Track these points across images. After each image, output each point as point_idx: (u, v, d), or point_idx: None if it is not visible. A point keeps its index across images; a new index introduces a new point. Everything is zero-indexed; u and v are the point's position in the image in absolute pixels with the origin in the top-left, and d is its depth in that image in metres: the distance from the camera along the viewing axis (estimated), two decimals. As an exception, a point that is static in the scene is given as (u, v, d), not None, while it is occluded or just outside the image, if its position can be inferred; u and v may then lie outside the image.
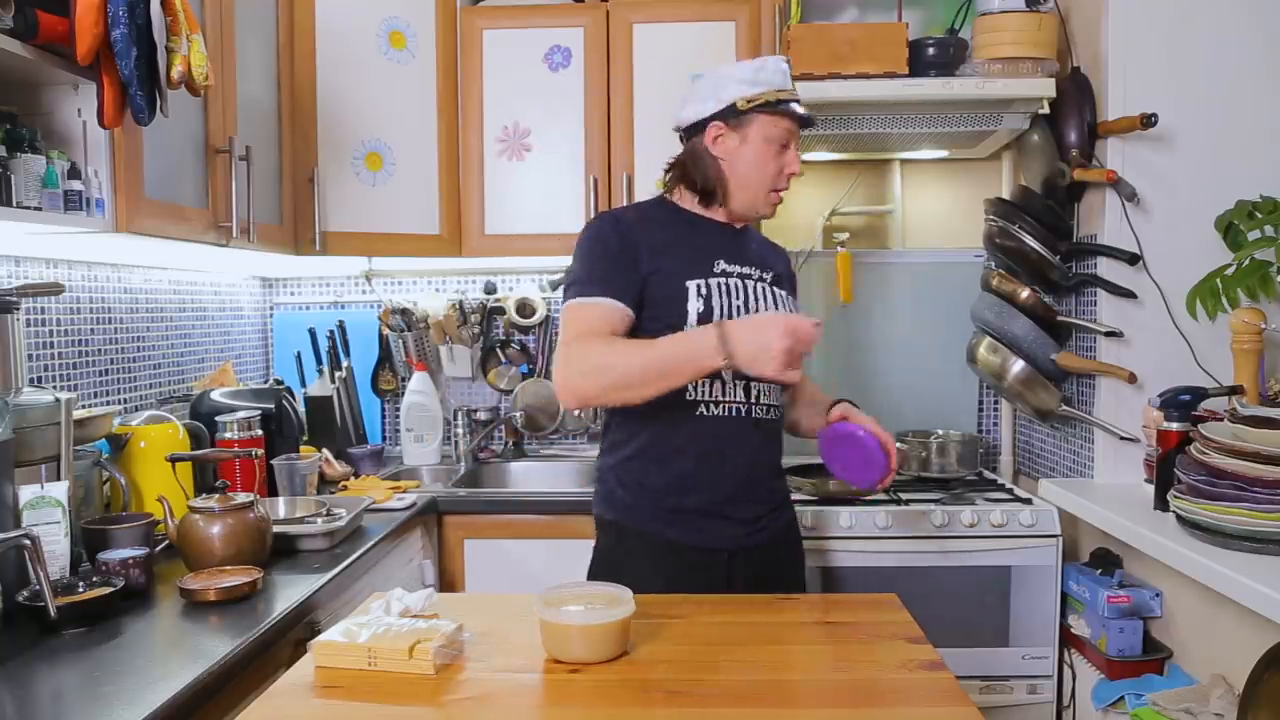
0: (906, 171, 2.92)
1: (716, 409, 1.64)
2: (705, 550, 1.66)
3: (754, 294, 1.69)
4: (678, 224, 1.72)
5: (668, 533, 1.66)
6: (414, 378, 2.85)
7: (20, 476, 1.49)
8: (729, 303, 1.65)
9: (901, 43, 2.34)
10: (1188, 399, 1.91)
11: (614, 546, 1.72)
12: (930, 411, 2.85)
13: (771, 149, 1.68)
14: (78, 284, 2.07)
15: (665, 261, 1.64)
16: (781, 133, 1.67)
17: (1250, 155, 2.13)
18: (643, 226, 1.68)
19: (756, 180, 1.69)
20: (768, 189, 1.70)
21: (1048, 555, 2.27)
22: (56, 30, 1.47)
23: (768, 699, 1.16)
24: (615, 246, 1.64)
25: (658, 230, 1.69)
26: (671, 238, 1.68)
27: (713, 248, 1.70)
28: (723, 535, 1.67)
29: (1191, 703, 1.78)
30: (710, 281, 1.65)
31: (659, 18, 2.59)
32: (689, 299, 1.63)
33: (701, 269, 1.66)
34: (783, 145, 1.68)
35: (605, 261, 1.63)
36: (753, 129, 1.67)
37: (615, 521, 1.72)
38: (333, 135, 2.46)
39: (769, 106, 1.66)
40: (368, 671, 1.22)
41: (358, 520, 2.01)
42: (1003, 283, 2.37)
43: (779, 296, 1.74)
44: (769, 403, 1.70)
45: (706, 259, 1.68)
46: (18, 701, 1.16)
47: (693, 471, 1.65)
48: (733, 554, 1.67)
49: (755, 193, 1.71)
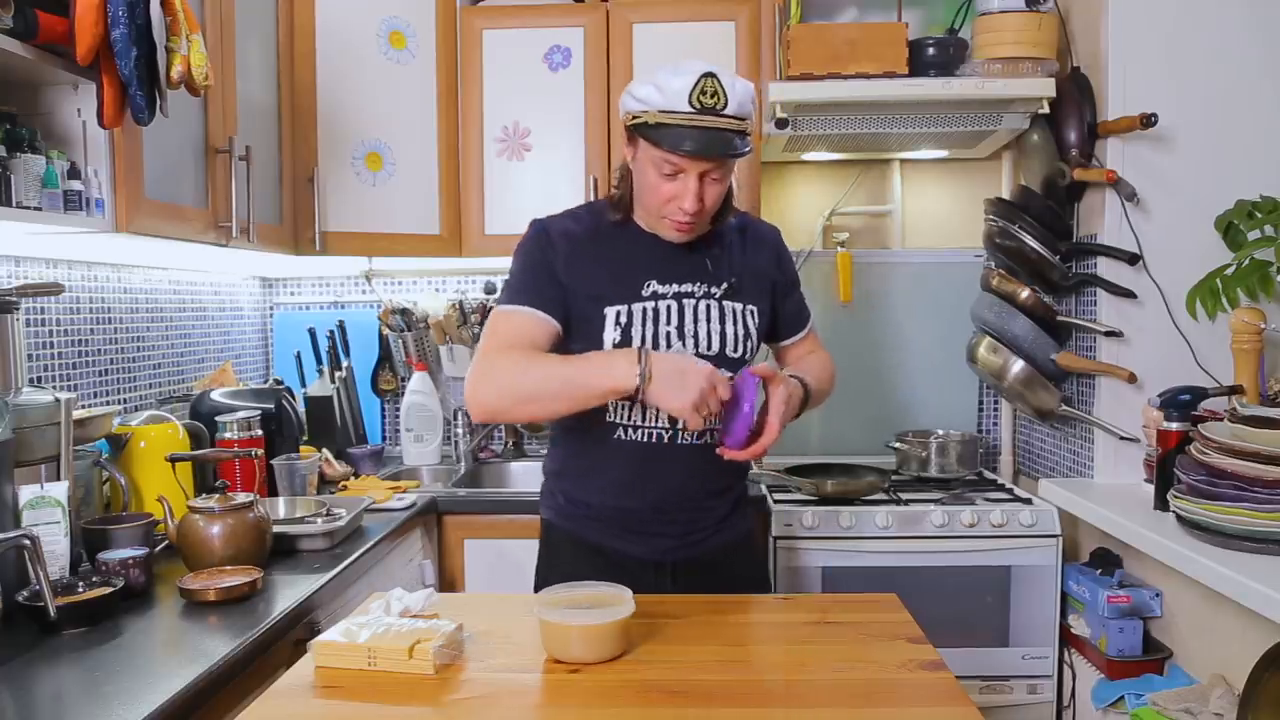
0: (906, 171, 2.92)
1: (635, 433, 1.56)
2: (631, 561, 1.59)
3: (691, 315, 1.55)
4: (612, 237, 1.57)
5: (599, 540, 1.62)
6: (414, 378, 2.85)
7: (20, 476, 1.49)
8: (655, 330, 1.53)
9: (901, 43, 2.34)
10: (1188, 399, 1.91)
11: (552, 549, 1.69)
12: (930, 411, 2.85)
13: (657, 176, 1.46)
14: (78, 284, 2.07)
15: (584, 283, 1.53)
16: (660, 162, 1.45)
17: (1250, 155, 2.13)
18: (568, 240, 1.55)
19: (647, 203, 1.53)
20: (657, 215, 1.51)
21: (1048, 555, 2.27)
22: (56, 30, 1.47)
23: (768, 699, 1.16)
24: (537, 257, 1.55)
25: (585, 245, 1.55)
26: (597, 254, 1.55)
27: (645, 265, 1.55)
28: (653, 547, 1.60)
29: (1191, 703, 1.78)
30: (634, 307, 1.52)
31: (659, 18, 2.59)
32: (605, 328, 1.52)
33: (626, 292, 1.53)
34: (669, 174, 1.46)
35: (529, 272, 1.55)
36: (640, 150, 1.48)
37: (551, 524, 1.69)
38: (333, 135, 2.46)
39: (644, 129, 1.44)
40: (368, 671, 1.22)
41: (358, 520, 2.01)
42: (1003, 283, 2.37)
43: (728, 311, 1.58)
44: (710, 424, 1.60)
45: (634, 279, 1.54)
46: (18, 701, 1.16)
47: (614, 491, 1.59)
48: (659, 565, 1.61)
49: (650, 214, 1.54)
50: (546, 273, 1.54)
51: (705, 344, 1.56)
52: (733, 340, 1.57)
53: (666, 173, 1.45)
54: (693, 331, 1.55)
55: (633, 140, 1.50)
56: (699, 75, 1.40)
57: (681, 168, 1.44)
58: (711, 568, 1.64)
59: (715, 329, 1.57)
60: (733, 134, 1.43)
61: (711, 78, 1.40)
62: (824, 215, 2.91)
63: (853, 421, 2.81)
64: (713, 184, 1.47)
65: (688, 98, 1.40)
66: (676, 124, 1.41)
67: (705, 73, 1.40)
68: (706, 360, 1.52)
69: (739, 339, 1.58)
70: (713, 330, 1.56)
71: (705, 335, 1.56)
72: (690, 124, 1.41)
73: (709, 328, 1.56)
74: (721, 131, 1.42)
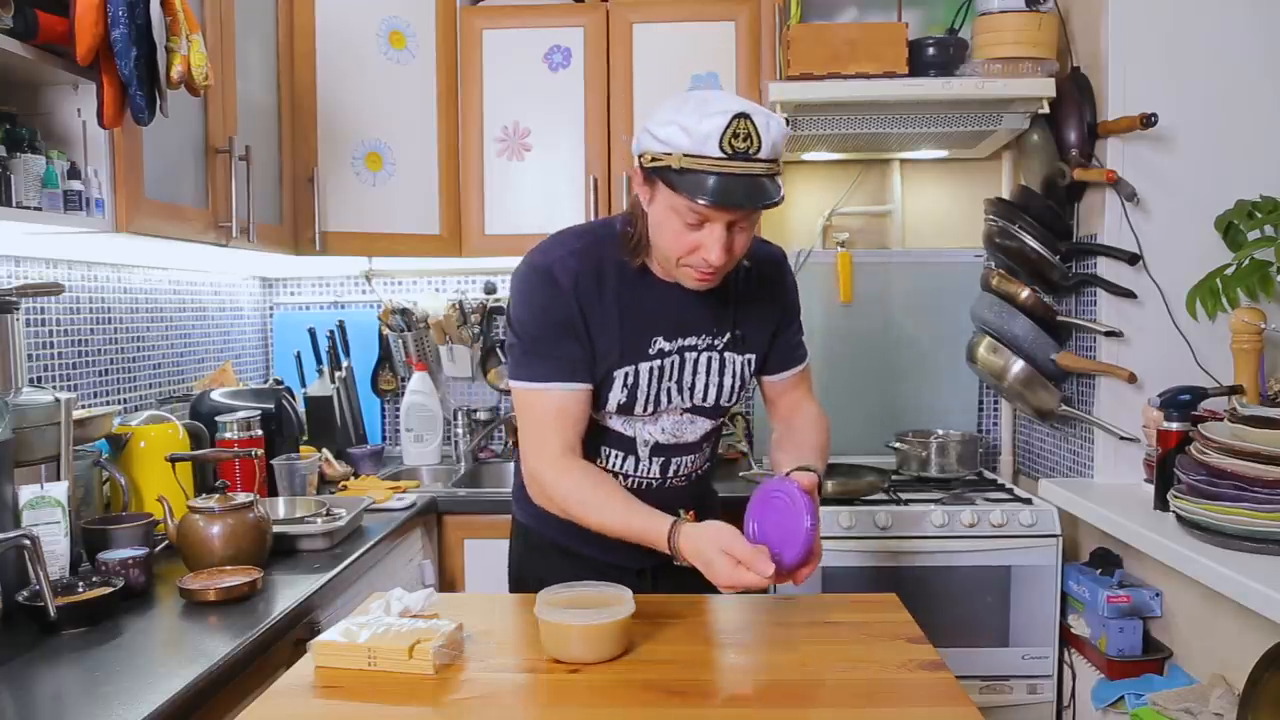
0: (906, 171, 2.92)
1: (625, 481, 1.54)
2: (614, 566, 1.51)
3: (691, 368, 1.50)
4: (619, 279, 1.45)
5: (574, 545, 1.57)
6: (414, 378, 2.85)
7: (20, 476, 1.49)
8: (657, 389, 1.48)
9: (901, 43, 2.34)
10: (1187, 399, 1.91)
11: (525, 549, 1.67)
12: (930, 411, 2.85)
13: (678, 224, 1.33)
14: (78, 284, 2.07)
15: (598, 336, 1.44)
16: (685, 211, 1.31)
17: (1250, 155, 2.13)
18: (579, 289, 1.42)
19: (664, 250, 1.38)
20: (676, 263, 1.38)
21: (1048, 555, 2.27)
22: (56, 30, 1.47)
23: (768, 699, 1.16)
24: (553, 316, 1.42)
25: (593, 289, 1.43)
26: (606, 302, 1.44)
27: (654, 320, 1.46)
28: (633, 555, 1.48)
29: (1191, 703, 1.78)
30: (641, 366, 1.46)
31: (659, 18, 2.59)
32: (613, 389, 1.47)
33: (636, 352, 1.46)
34: (692, 224, 1.32)
35: (550, 330, 1.42)
36: (659, 193, 1.34)
37: (527, 526, 1.66)
38: (333, 135, 2.46)
39: (666, 174, 1.29)
40: (368, 671, 1.22)
41: (358, 520, 2.01)
42: (1003, 283, 2.37)
43: (728, 364, 1.53)
44: (690, 471, 1.59)
45: (645, 337, 1.46)
46: (18, 701, 1.16)
47: None
48: (641, 572, 1.57)
49: (667, 261, 1.40)
50: (568, 329, 1.42)
51: (701, 396, 1.53)
52: (728, 392, 1.55)
53: (690, 222, 1.32)
54: (690, 384, 1.52)
55: (650, 181, 1.35)
56: (730, 116, 1.25)
57: (708, 217, 1.31)
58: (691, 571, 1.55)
59: (714, 381, 1.53)
60: (765, 179, 1.30)
61: (745, 119, 1.26)
62: (824, 215, 2.91)
63: (853, 421, 2.81)
64: (741, 233, 1.35)
65: (718, 142, 1.25)
66: (704, 170, 1.27)
67: (737, 113, 1.26)
68: (702, 413, 1.54)
69: (734, 390, 1.56)
70: (710, 383, 1.53)
71: (702, 388, 1.53)
72: (720, 170, 1.26)
73: (706, 380, 1.52)
74: (755, 178, 1.28)
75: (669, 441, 1.54)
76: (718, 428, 1.61)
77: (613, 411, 1.50)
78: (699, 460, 1.61)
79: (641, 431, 1.52)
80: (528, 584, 1.59)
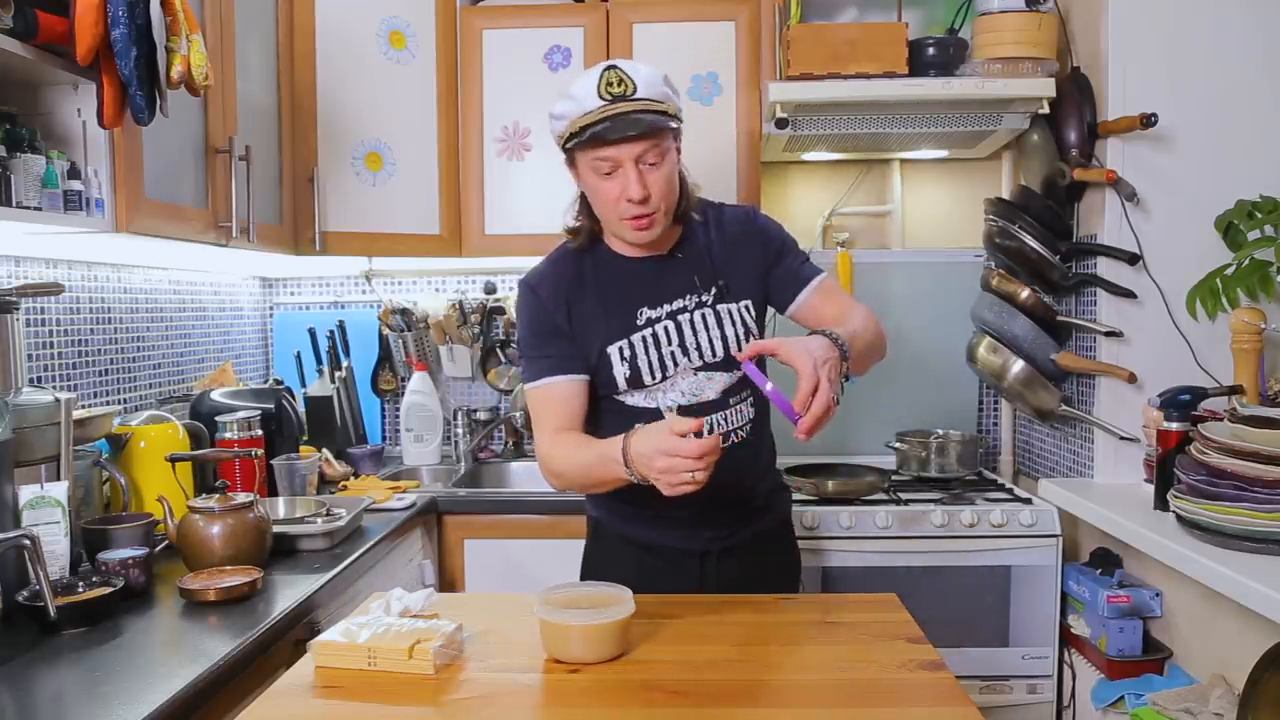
0: (906, 171, 2.92)
1: None
2: (678, 551, 1.65)
3: (689, 329, 1.58)
4: (597, 272, 1.61)
5: (639, 533, 1.67)
6: (414, 378, 2.85)
7: (20, 476, 1.49)
8: (658, 355, 1.57)
9: (901, 43, 2.34)
10: (1187, 399, 1.91)
11: (595, 543, 1.76)
12: (930, 411, 2.85)
13: (600, 179, 1.50)
14: (78, 284, 2.07)
15: (583, 328, 1.58)
16: (599, 161, 1.47)
17: (1250, 155, 2.13)
18: (556, 296, 1.59)
19: (604, 214, 1.55)
20: (616, 219, 1.53)
21: (1048, 555, 2.27)
22: (56, 30, 1.47)
23: (768, 699, 1.16)
24: (539, 318, 1.60)
25: (574, 289, 1.60)
26: (587, 294, 1.59)
27: (634, 293, 1.59)
28: (694, 539, 1.65)
29: (1191, 703, 1.78)
30: (634, 338, 1.57)
31: (659, 17, 2.59)
32: (614, 365, 1.57)
33: (622, 326, 1.57)
34: (608, 173, 1.48)
35: (537, 337, 1.60)
36: (578, 165, 1.53)
37: (596, 519, 1.75)
38: (333, 135, 2.46)
39: (574, 139, 1.49)
40: (368, 671, 1.22)
41: (358, 520, 2.01)
42: (1003, 283, 2.37)
43: (724, 315, 1.59)
44: (726, 429, 1.61)
45: (628, 311, 1.58)
46: (18, 701, 1.16)
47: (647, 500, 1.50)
48: (704, 555, 1.66)
49: (612, 224, 1.56)
50: (552, 331, 1.58)
51: (709, 352, 1.58)
52: (734, 341, 1.59)
53: (605, 172, 1.48)
54: (694, 344, 1.58)
55: (571, 159, 1.53)
56: (602, 69, 1.46)
57: (615, 160, 1.46)
58: (752, 554, 1.69)
59: (715, 334, 1.58)
60: (650, 115, 1.45)
61: (613, 69, 1.46)
62: (824, 215, 2.91)
63: (853, 421, 2.81)
64: (651, 169, 1.48)
65: (596, 92, 1.45)
66: (594, 121, 1.44)
67: (607, 66, 1.46)
68: (715, 368, 1.58)
69: (740, 339, 1.59)
70: (713, 337, 1.58)
71: (706, 344, 1.58)
72: (606, 115, 1.44)
73: (708, 335, 1.58)
74: (639, 115, 1.44)
75: (691, 403, 1.59)
76: (741, 383, 1.61)
77: (625, 388, 1.58)
78: (734, 418, 1.61)
79: (663, 400, 1.59)
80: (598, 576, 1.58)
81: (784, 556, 1.79)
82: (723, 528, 1.66)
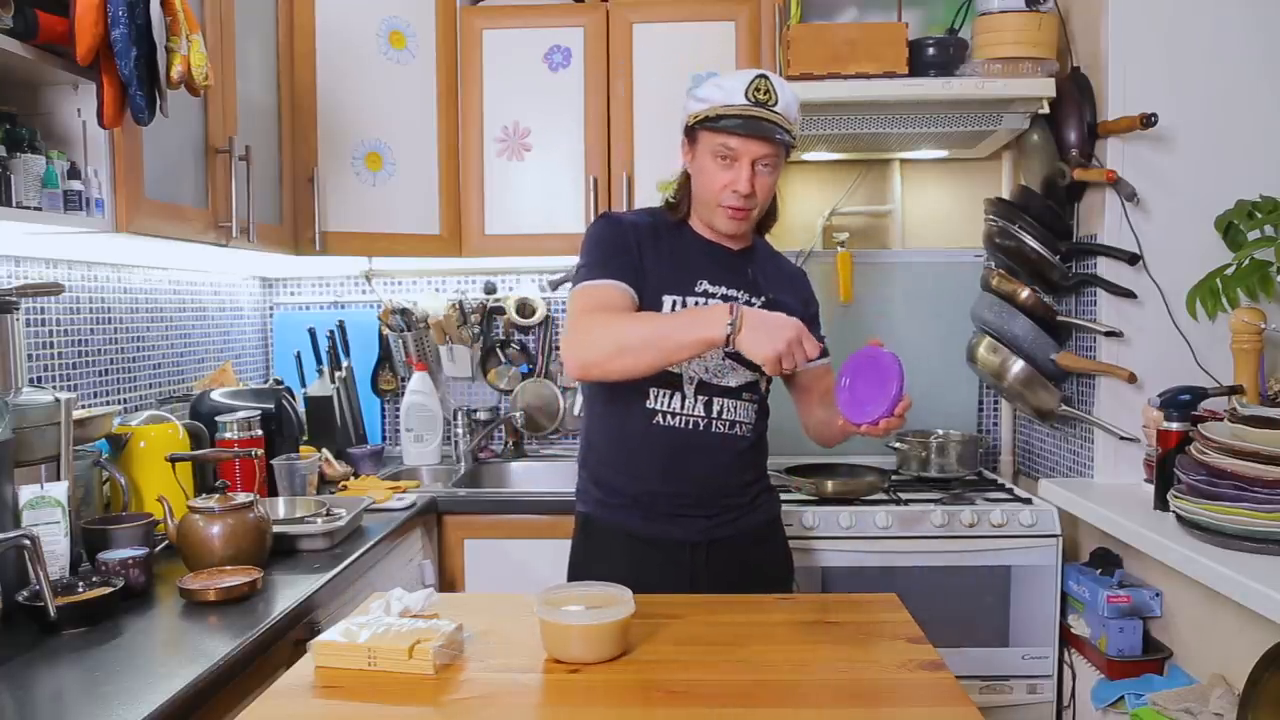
0: (906, 171, 2.92)
1: (674, 420, 1.66)
2: (669, 543, 1.69)
3: None
4: (671, 237, 1.73)
5: (630, 525, 1.70)
6: (414, 378, 2.85)
7: (20, 476, 1.49)
8: None
9: (901, 43, 2.34)
10: (1187, 399, 1.91)
11: (585, 539, 1.78)
12: (930, 411, 2.85)
13: (715, 164, 1.64)
14: (78, 284, 2.07)
15: (649, 268, 1.67)
16: (721, 148, 1.62)
17: (1250, 155, 2.13)
18: (636, 230, 1.70)
19: (705, 196, 1.68)
20: (715, 204, 1.66)
21: (1048, 555, 2.27)
22: (56, 30, 1.47)
23: (768, 699, 1.16)
24: (613, 241, 1.68)
25: (649, 236, 1.70)
26: (660, 247, 1.70)
27: (699, 266, 1.70)
28: (688, 529, 1.69)
29: (1191, 703, 1.78)
30: (688, 299, 1.67)
31: (659, 18, 2.59)
32: (662, 310, 1.65)
33: (682, 285, 1.68)
34: (725, 161, 1.63)
35: (605, 252, 1.67)
36: (700, 145, 1.66)
37: (585, 514, 1.78)
38: (333, 135, 2.46)
39: (708, 122, 1.62)
40: (367, 671, 1.22)
41: (358, 520, 2.01)
42: (1003, 283, 2.37)
43: None
44: (733, 419, 1.69)
45: (690, 276, 1.69)
46: (18, 701, 1.16)
47: (653, 475, 1.69)
48: (695, 546, 1.69)
49: (708, 207, 1.69)
50: (624, 251, 1.67)
51: None
52: None
53: (723, 157, 1.62)
54: None
55: (692, 139, 1.67)
56: (754, 75, 1.61)
57: (737, 154, 1.60)
58: (741, 548, 1.73)
59: None
60: (781, 128, 1.61)
61: (764, 78, 1.61)
62: (824, 215, 2.91)
63: (853, 421, 2.80)
64: (763, 172, 1.63)
65: (744, 93, 1.59)
66: (733, 114, 1.59)
67: (759, 74, 1.62)
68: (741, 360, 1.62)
69: None
70: None
71: None
72: (745, 114, 1.59)
73: None
74: (773, 123, 1.60)
75: (712, 380, 1.67)
76: (755, 385, 1.71)
77: None
78: (741, 412, 1.71)
79: (686, 369, 1.65)
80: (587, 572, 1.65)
81: (775, 551, 1.82)
82: (714, 519, 1.70)
